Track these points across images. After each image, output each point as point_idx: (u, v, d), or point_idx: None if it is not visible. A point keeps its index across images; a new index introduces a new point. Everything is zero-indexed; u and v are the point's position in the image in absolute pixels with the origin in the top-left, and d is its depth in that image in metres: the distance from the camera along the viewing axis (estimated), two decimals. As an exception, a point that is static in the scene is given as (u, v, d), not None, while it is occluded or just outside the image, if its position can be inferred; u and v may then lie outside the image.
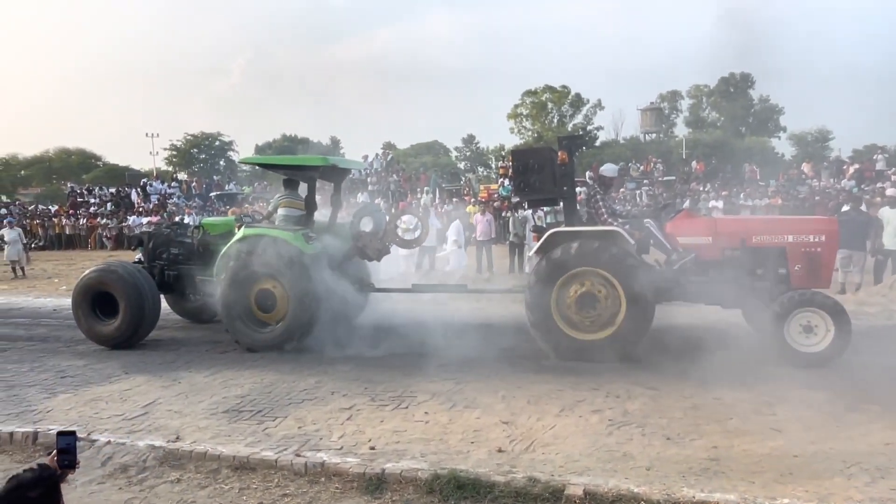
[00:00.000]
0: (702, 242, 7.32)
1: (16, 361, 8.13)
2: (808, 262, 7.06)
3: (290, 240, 8.09)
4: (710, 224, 7.55)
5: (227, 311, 8.21)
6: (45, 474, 2.23)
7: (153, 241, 9.70)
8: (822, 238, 7.09)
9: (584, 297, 7.09)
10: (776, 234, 7.23)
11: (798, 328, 6.70)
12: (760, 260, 7.26)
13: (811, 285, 7.02)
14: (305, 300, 7.91)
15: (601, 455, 4.73)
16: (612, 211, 7.99)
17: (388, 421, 5.58)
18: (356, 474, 4.55)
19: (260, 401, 6.22)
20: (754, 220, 8.78)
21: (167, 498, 4.48)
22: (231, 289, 8.16)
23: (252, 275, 8.13)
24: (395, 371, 7.00)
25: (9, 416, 6.03)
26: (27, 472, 2.24)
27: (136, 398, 6.46)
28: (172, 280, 9.49)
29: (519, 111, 53.11)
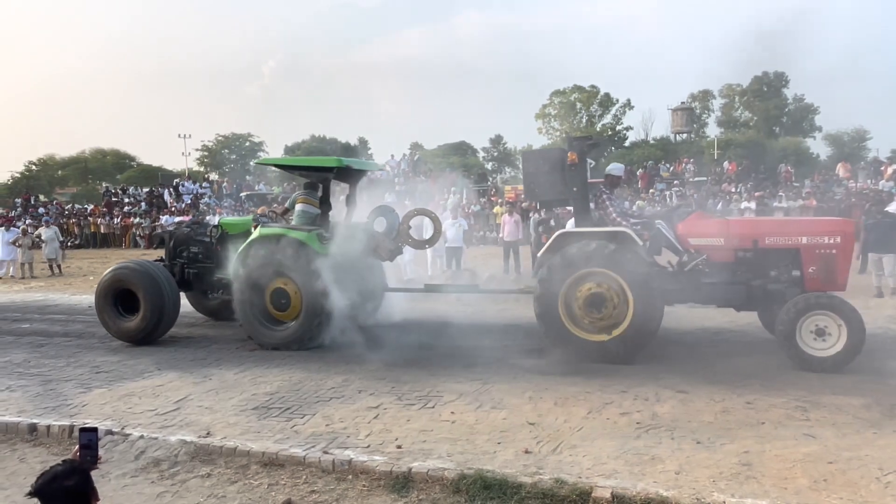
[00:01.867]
0: (714, 244, 7.22)
1: (53, 357, 8.35)
2: (822, 264, 6.91)
3: (304, 240, 8.26)
4: (722, 226, 7.41)
5: (243, 309, 8.41)
6: (76, 464, 2.29)
7: (174, 240, 9.93)
8: (837, 240, 6.92)
9: (593, 297, 7.02)
10: (789, 235, 7.10)
11: (810, 332, 6.59)
12: (774, 262, 7.14)
13: (826, 288, 6.87)
14: (318, 299, 8.03)
15: (629, 458, 4.68)
16: (622, 211, 7.92)
17: (415, 420, 5.59)
18: (383, 472, 4.57)
19: (288, 398, 6.29)
20: (767, 221, 8.71)
21: (198, 492, 4.56)
22: (247, 287, 8.34)
23: (267, 274, 8.30)
24: (422, 371, 7.02)
25: (46, 410, 6.19)
26: (58, 464, 2.30)
27: (168, 394, 6.58)
28: (192, 278, 9.70)
29: (547, 111, 52.79)
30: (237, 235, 9.32)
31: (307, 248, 8.22)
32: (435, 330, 8.59)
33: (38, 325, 10.71)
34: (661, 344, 8.05)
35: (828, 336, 6.54)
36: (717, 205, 23.36)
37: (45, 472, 2.27)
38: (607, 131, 49.35)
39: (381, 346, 7.87)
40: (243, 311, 8.42)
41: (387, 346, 7.83)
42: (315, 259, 8.13)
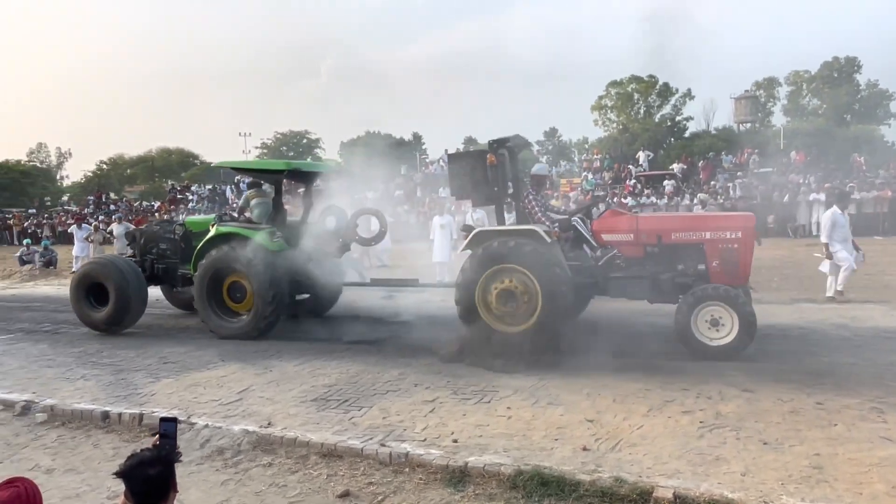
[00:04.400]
0: (624, 239, 7.49)
1: (123, 347, 8.72)
2: (725, 258, 7.13)
3: (255, 237, 8.94)
4: (631, 222, 7.59)
5: (202, 302, 9.08)
6: (162, 453, 2.35)
7: (144, 237, 10.53)
8: (739, 235, 7.12)
9: (505, 292, 7.22)
10: (694, 231, 7.32)
11: (706, 322, 6.88)
12: (680, 256, 7.39)
13: (730, 281, 7.04)
14: (269, 293, 8.64)
15: (692, 458, 4.55)
16: (545, 209, 8.16)
17: (471, 415, 5.59)
18: (439, 466, 4.58)
19: (346, 390, 6.38)
20: (674, 217, 8.91)
21: (260, 481, 4.68)
22: (205, 281, 9.00)
23: (223, 269, 8.98)
24: (478, 366, 7.00)
25: (117, 399, 6.47)
26: (146, 450, 2.36)
27: (231, 384, 6.78)
28: (161, 273, 10.28)
29: (604, 102, 51.83)
30: (200, 233, 9.79)
31: (258, 246, 8.86)
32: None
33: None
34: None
35: (721, 326, 6.84)
36: (783, 197, 22.45)
37: (132, 456, 2.34)
38: (666, 122, 48.07)
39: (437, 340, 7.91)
40: (202, 303, 9.08)
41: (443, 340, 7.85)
42: (265, 255, 8.79)
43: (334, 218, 9.97)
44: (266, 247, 8.88)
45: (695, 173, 27.53)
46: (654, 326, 8.61)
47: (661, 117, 49.28)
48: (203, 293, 9.06)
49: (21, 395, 6.61)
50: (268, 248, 8.89)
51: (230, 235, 9.13)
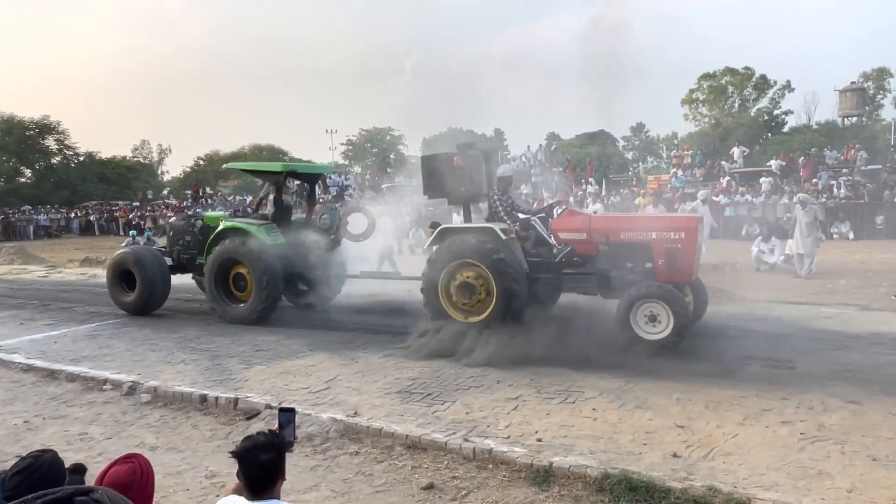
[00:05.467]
0: (578, 238, 7.78)
1: (219, 334, 9.16)
2: (670, 257, 7.34)
3: (255, 233, 9.83)
4: (584, 221, 7.89)
5: (210, 288, 10.03)
6: (276, 440, 2.44)
7: (173, 231, 11.55)
8: (682, 235, 7.33)
9: (465, 285, 7.78)
10: (641, 231, 7.56)
11: (644, 317, 7.12)
12: (629, 254, 7.59)
13: (675, 278, 7.30)
14: (266, 283, 9.50)
15: (792, 471, 4.30)
16: (509, 208, 8.48)
17: (555, 414, 5.51)
18: (523, 465, 4.55)
19: (429, 384, 6.44)
20: (623, 217, 9.53)
21: (347, 468, 4.80)
22: (213, 270, 9.91)
23: (229, 260, 9.86)
24: (562, 364, 6.89)
25: (214, 383, 6.80)
26: (261, 435, 2.46)
27: (319, 373, 6.99)
28: (185, 262, 11.21)
29: (695, 96, 49.79)
30: (214, 227, 10.55)
31: (257, 240, 9.74)
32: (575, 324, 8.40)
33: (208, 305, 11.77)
34: (826, 348, 7.36)
35: (658, 322, 7.05)
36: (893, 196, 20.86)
37: (248, 437, 2.44)
38: (762, 116, 45.64)
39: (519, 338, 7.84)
40: (210, 289, 10.03)
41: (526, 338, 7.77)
42: (263, 249, 9.61)
43: (328, 217, 10.65)
44: (264, 241, 9.75)
45: (794, 170, 26.00)
46: (745, 331, 8.22)
47: (758, 111, 46.80)
48: (212, 281, 9.97)
49: (128, 377, 7.07)
50: (265, 242, 9.75)
51: (236, 230, 10.03)
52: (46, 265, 20.01)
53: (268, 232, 9.93)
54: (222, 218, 10.63)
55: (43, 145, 52.26)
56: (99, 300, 11.93)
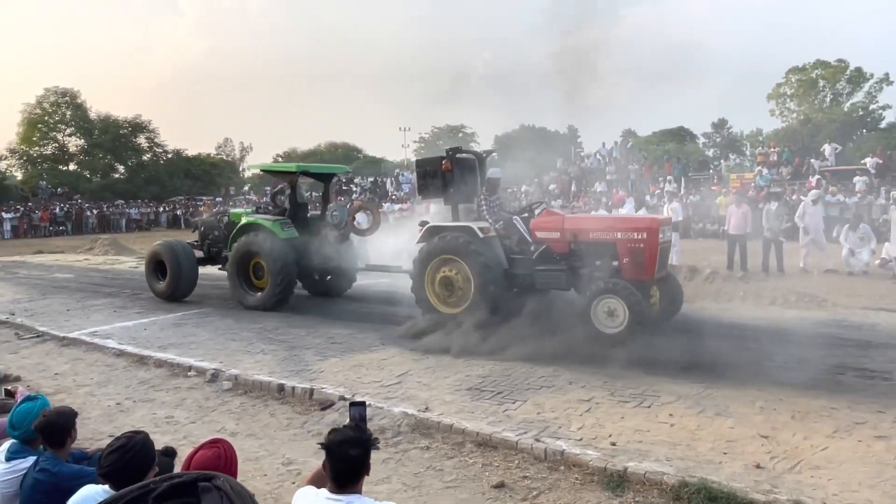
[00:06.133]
0: (552, 237, 8.25)
1: (296, 326, 9.43)
2: (633, 256, 7.71)
3: (270, 227, 10.66)
4: (558, 221, 8.34)
5: (232, 277, 10.93)
6: (364, 436, 2.48)
7: (204, 226, 12.51)
8: (644, 236, 7.68)
9: (447, 278, 8.43)
10: (608, 231, 7.97)
11: (604, 312, 7.40)
12: (598, 253, 7.95)
13: (638, 276, 7.64)
14: (279, 272, 10.30)
15: (888, 489, 4.03)
16: (497, 208, 8.93)
17: (630, 418, 5.37)
18: (597, 468, 4.46)
19: (500, 382, 6.41)
20: (592, 218, 9.92)
21: (418, 462, 4.84)
22: (235, 261, 10.81)
23: (248, 252, 10.70)
24: (637, 367, 6.70)
25: (290, 373, 7.01)
26: (349, 429, 2.50)
27: (391, 367, 7.08)
28: (214, 254, 12.13)
29: (782, 91, 47.39)
30: (239, 222, 11.36)
31: (271, 233, 10.56)
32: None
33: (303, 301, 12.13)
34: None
35: (615, 317, 7.34)
36: None
37: (337, 431, 2.49)
38: (857, 111, 42.94)
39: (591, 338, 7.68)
40: (232, 279, 10.93)
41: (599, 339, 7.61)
42: (277, 242, 10.44)
43: (338, 213, 11.25)
44: (278, 234, 10.58)
45: (892, 169, 24.34)
46: (837, 339, 7.77)
47: (852, 106, 44.07)
48: (234, 271, 10.89)
49: (210, 364, 7.38)
50: (279, 235, 10.57)
51: (254, 225, 10.91)
52: (137, 256, 21.15)
53: (282, 226, 10.75)
54: (244, 214, 11.58)
55: (135, 143, 55.22)
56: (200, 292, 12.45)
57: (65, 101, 51.75)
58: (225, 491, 0.92)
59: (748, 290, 11.15)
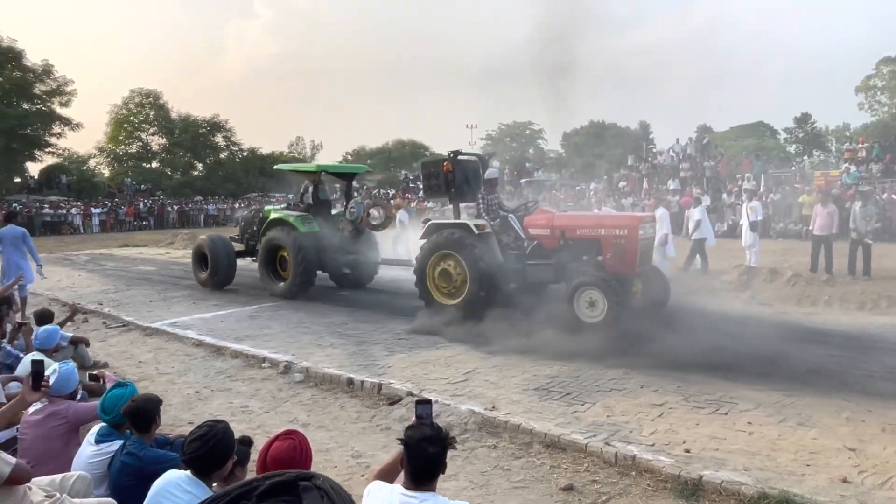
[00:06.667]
0: (543, 233, 8.74)
1: (364, 321, 9.59)
2: (615, 251, 8.12)
3: (292, 222, 11.65)
4: (549, 218, 8.82)
5: (262, 268, 12.01)
6: (442, 435, 2.50)
7: (243, 222, 13.54)
8: (625, 232, 8.09)
9: (445, 272, 9.02)
10: (592, 228, 8.44)
11: (585, 302, 7.83)
12: (585, 248, 8.49)
13: (620, 270, 8.07)
14: (299, 264, 11.24)
15: None
16: (491, 207, 9.33)
17: (705, 425, 5.18)
18: (670, 475, 4.32)
19: (568, 383, 6.31)
20: (579, 216, 10.11)
21: (485, 461, 4.82)
22: (264, 253, 11.91)
23: (274, 245, 11.73)
24: (712, 372, 6.48)
25: (359, 368, 7.12)
26: (426, 426, 2.52)
27: (457, 365, 7.09)
28: (251, 248, 13.06)
29: (872, 83, 44.72)
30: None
31: (294, 228, 11.53)
32: (728, 329, 7.89)
33: (353, 294, 12.37)
34: None
35: (596, 307, 7.75)
36: None
37: (414, 427, 2.51)
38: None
39: (664, 340, 7.47)
40: (262, 269, 12.00)
41: (672, 342, 7.39)
42: (298, 236, 11.38)
43: (355, 209, 12.19)
44: (299, 229, 11.51)
45: None
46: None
47: (950, 98, 41.14)
48: (262, 262, 11.98)
49: (283, 356, 7.59)
50: (300, 230, 11.50)
51: (280, 220, 11.88)
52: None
53: (303, 221, 11.69)
54: (273, 211, 12.54)
55: (213, 142, 57.54)
56: (258, 285, 12.95)
57: (148, 102, 54.44)
58: (325, 490, 0.94)
59: (833, 293, 10.57)
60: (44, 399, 3.90)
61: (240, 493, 0.90)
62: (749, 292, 10.75)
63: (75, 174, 47.68)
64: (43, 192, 43.19)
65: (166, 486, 2.85)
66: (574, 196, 27.09)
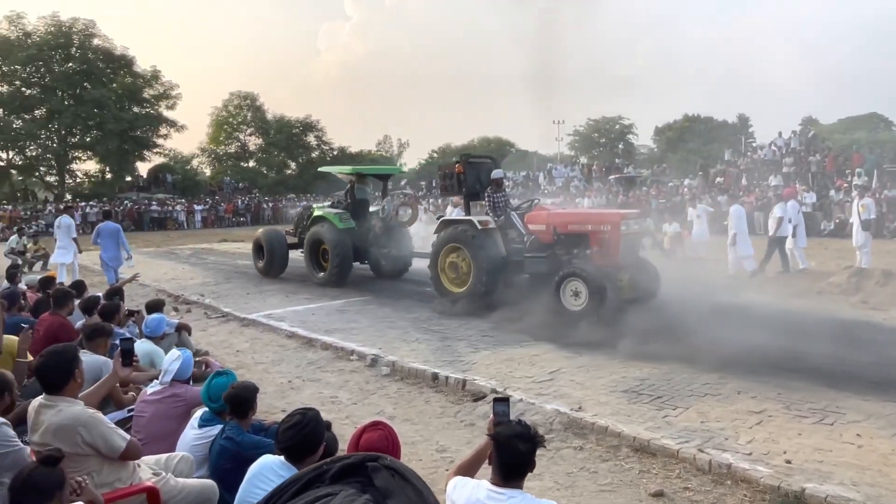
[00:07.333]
0: (540, 229, 9.55)
1: (449, 317, 9.63)
2: (601, 245, 8.83)
3: (330, 217, 12.94)
4: (545, 215, 9.67)
5: (307, 260, 13.29)
6: (533, 433, 2.49)
7: (297, 217, 15.02)
8: (609, 227, 8.81)
9: (453, 263, 10.14)
10: (582, 224, 9.25)
11: (570, 292, 8.53)
12: (576, 243, 9.23)
13: (605, 262, 8.68)
14: (336, 256, 12.51)
15: None
16: (498, 205, 10.18)
17: (808, 435, 4.88)
18: (769, 486, 4.09)
19: (659, 386, 6.10)
20: (570, 213, 11.03)
21: (571, 462, 4.74)
22: (308, 246, 13.19)
23: (317, 239, 13.04)
24: (817, 379, 6.09)
25: (444, 363, 7.18)
26: (517, 423, 2.52)
27: (543, 364, 7.01)
28: (303, 241, 13.80)
29: None
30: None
31: (332, 224, 12.81)
32: (835, 335, 7.39)
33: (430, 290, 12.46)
34: None
35: (579, 296, 8.43)
36: None
37: (504, 425, 2.52)
38: None
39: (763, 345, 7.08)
40: (307, 261, 13.27)
41: (772, 346, 7.00)
42: (335, 231, 12.69)
43: (386, 206, 13.37)
44: (336, 224, 12.77)
45: None
46: None
47: None
48: (307, 254, 13.25)
49: (370, 350, 7.76)
50: (337, 226, 12.76)
51: (322, 217, 13.16)
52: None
53: (340, 218, 12.94)
54: (317, 208, 13.88)
55: (305, 141, 59.51)
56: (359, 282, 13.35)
57: (246, 104, 57.01)
58: (395, 469, 0.95)
59: (957, 298, 9.69)
60: (163, 380, 4.20)
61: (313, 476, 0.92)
62: (859, 296, 10.02)
63: (180, 173, 50.64)
64: (151, 190, 46.16)
65: (262, 470, 2.97)
66: (667, 193, 26.17)
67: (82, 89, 43.98)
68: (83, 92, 43.66)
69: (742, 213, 13.35)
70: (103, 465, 3.25)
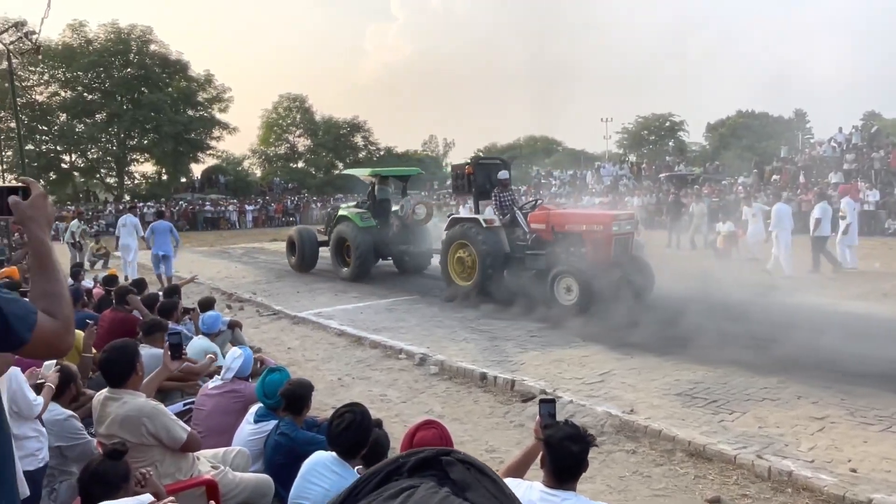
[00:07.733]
0: (541, 228, 10.13)
1: (496, 318, 9.57)
2: (594, 243, 9.49)
3: (352, 217, 13.74)
4: (545, 215, 10.18)
5: (332, 256, 14.16)
6: (585, 434, 2.46)
7: (327, 217, 16.04)
8: (601, 227, 9.50)
9: (460, 258, 10.79)
10: (577, 223, 9.87)
11: (562, 288, 9.32)
12: (572, 241, 9.79)
13: (597, 259, 9.38)
14: (357, 251, 13.26)
15: None
16: (504, 204, 10.81)
17: (874, 443, 4.67)
18: (833, 495, 3.94)
19: (715, 390, 5.94)
20: (567, 213, 11.17)
21: (623, 465, 4.66)
22: (334, 243, 14.04)
23: (341, 236, 13.84)
24: (883, 385, 5.81)
25: (492, 363, 7.15)
26: (568, 425, 2.50)
27: (593, 365, 6.91)
28: None
29: None
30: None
31: (353, 222, 13.58)
32: None
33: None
34: None
35: (571, 292, 9.19)
36: None
37: (554, 427, 2.51)
38: None
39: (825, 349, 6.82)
40: (333, 257, 14.14)
41: (834, 350, 6.73)
42: (356, 229, 13.44)
43: (404, 206, 13.84)
44: (357, 223, 13.50)
45: None
46: None
47: None
48: (332, 251, 14.11)
49: (419, 349, 7.80)
50: (359, 224, 13.48)
51: (345, 216, 13.95)
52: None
53: (361, 217, 13.66)
54: (342, 208, 14.70)
55: (352, 142, 60.25)
56: (390, 279, 13.52)
57: (295, 106, 58.05)
58: (469, 462, 0.96)
59: None
60: (225, 377, 4.32)
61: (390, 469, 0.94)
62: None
63: (232, 174, 51.94)
64: (204, 190, 47.51)
65: (315, 465, 3.02)
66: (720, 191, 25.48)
67: (140, 94, 45.65)
68: (141, 96, 45.32)
69: (784, 213, 13.05)
70: (165, 455, 3.35)
